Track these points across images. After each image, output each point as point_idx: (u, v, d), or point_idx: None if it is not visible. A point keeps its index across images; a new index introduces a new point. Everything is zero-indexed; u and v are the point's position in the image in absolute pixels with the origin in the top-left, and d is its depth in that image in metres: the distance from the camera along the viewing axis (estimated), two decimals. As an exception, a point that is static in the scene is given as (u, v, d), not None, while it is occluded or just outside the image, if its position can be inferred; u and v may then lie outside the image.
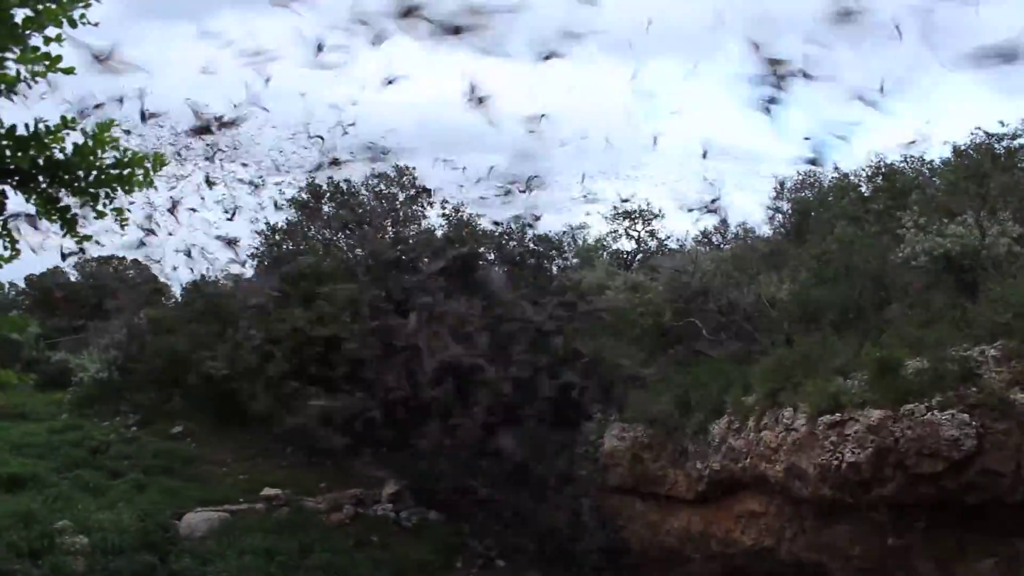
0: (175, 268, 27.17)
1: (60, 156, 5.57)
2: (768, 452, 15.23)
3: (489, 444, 21.51)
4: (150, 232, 22.10)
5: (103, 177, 5.61)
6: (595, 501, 20.69)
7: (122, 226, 6.00)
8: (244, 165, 24.22)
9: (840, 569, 14.98)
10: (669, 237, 32.54)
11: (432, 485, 22.65)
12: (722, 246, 30.80)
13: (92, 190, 5.65)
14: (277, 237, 29.25)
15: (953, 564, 13.48)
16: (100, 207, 5.73)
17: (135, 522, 19.33)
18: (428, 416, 21.53)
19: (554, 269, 26.80)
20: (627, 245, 33.63)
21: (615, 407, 20.46)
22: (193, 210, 23.76)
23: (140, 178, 5.70)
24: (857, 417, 13.57)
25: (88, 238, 5.93)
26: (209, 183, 23.06)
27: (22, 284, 41.12)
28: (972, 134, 24.70)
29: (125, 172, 5.59)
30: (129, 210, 6.03)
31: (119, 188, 5.67)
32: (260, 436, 25.62)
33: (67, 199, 5.71)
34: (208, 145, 22.98)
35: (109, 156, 5.61)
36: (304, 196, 29.08)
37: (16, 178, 5.55)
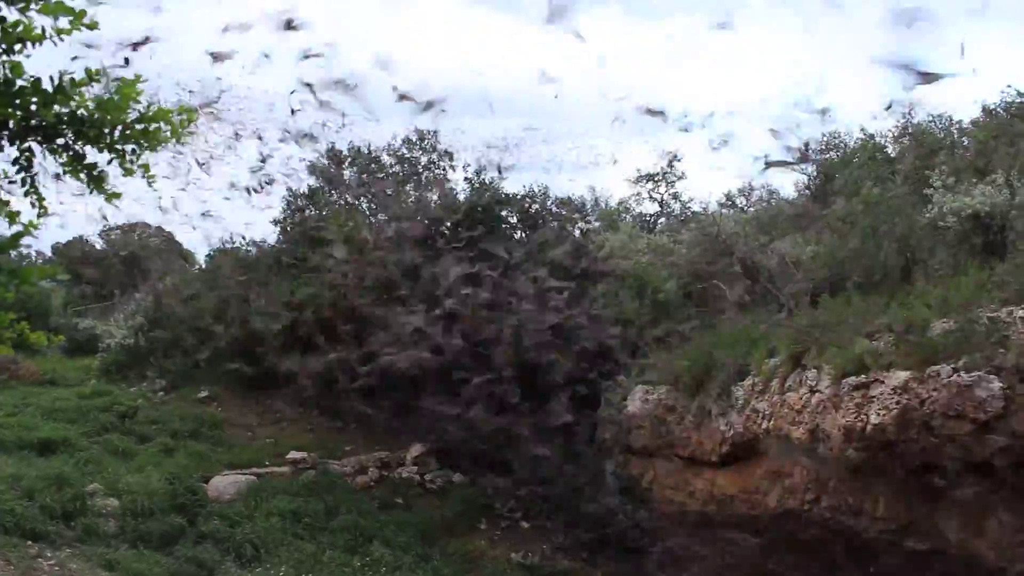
0: (194, 228, 27.17)
1: (84, 112, 5.58)
2: (792, 414, 15.19)
3: (518, 407, 21.56)
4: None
5: (128, 132, 5.61)
6: (619, 463, 20.78)
7: (149, 183, 6.02)
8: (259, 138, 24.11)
9: (865, 530, 14.96)
10: (692, 199, 32.38)
11: (457, 447, 22.79)
12: (746, 208, 30.62)
13: (118, 146, 5.65)
14: (300, 203, 29.36)
15: (978, 524, 13.44)
16: (127, 164, 5.74)
17: (164, 485, 19.62)
18: (453, 379, 21.58)
19: (577, 232, 26.76)
20: (650, 208, 33.48)
21: (639, 369, 20.47)
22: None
23: (167, 133, 5.70)
24: (882, 379, 13.47)
25: (117, 195, 5.94)
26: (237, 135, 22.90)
27: (48, 253, 41.56)
28: (1003, 92, 24.37)
29: (151, 127, 5.58)
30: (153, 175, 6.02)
31: (145, 144, 5.66)
32: (286, 400, 25.92)
33: (92, 156, 5.72)
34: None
35: (133, 111, 5.59)
36: (325, 161, 29.16)
37: (41, 135, 5.56)
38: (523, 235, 25.26)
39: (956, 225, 17.67)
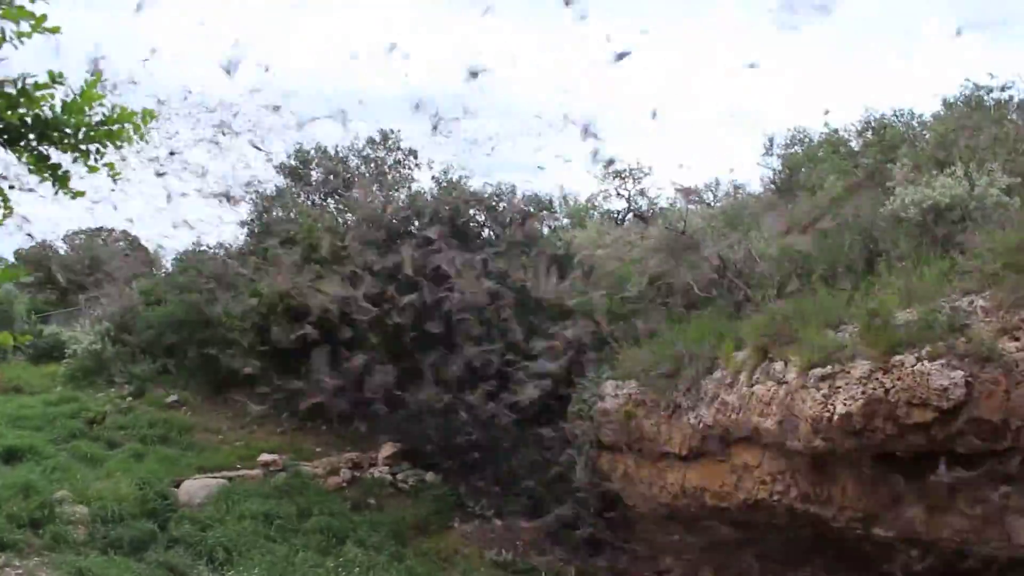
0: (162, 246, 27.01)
1: (49, 113, 5.59)
2: (760, 406, 15.35)
3: (484, 404, 21.63)
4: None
5: (92, 133, 5.64)
6: (590, 459, 20.87)
7: (114, 180, 6.02)
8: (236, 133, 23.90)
9: (833, 518, 15.15)
10: (659, 195, 32.58)
11: (427, 447, 22.82)
12: (713, 203, 30.87)
13: (82, 146, 5.68)
14: (266, 204, 29.22)
15: (943, 512, 13.65)
16: (91, 163, 5.77)
17: (134, 491, 19.50)
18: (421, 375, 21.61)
19: (545, 229, 26.85)
20: (617, 204, 33.63)
21: (608, 364, 20.59)
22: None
23: (130, 133, 5.73)
24: (848, 369, 13.66)
25: (81, 193, 5.94)
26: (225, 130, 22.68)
27: (10, 259, 41.01)
28: (962, 86, 24.76)
29: (115, 127, 5.62)
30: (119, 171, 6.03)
31: (109, 143, 5.70)
32: (255, 403, 25.80)
33: (56, 156, 5.73)
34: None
35: (97, 112, 5.63)
36: (292, 162, 29.05)
37: (5, 136, 5.56)
38: (491, 234, 25.32)
39: (917, 216, 17.94)
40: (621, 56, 14.14)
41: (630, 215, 31.22)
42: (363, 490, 22.42)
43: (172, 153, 20.52)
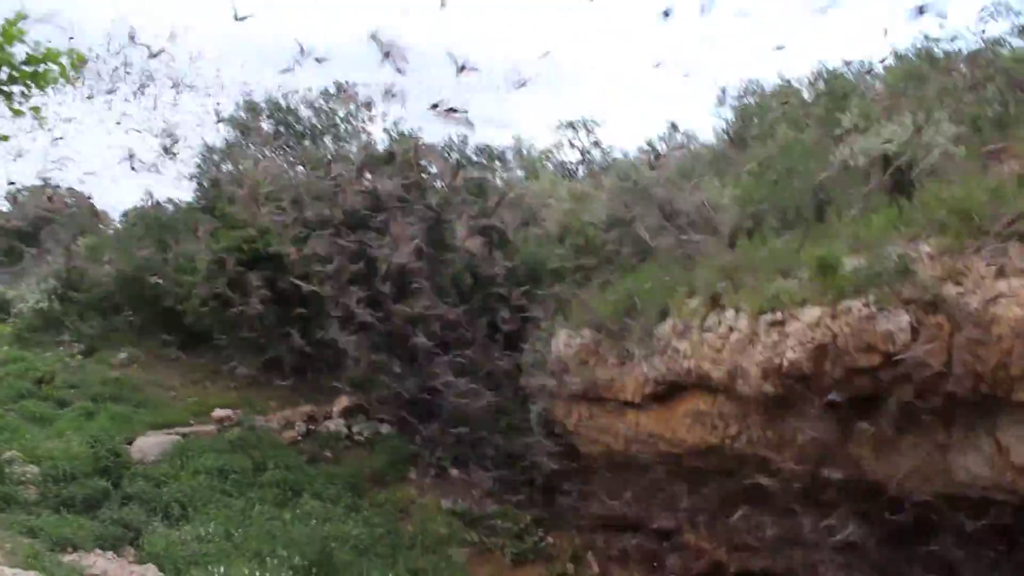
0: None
1: None
2: (712, 353, 15.55)
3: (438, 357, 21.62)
4: None
5: (16, 74, 5.44)
6: (545, 407, 21.02)
7: (41, 125, 5.85)
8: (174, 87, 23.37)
9: (783, 462, 15.45)
10: (612, 147, 32.53)
11: (382, 399, 22.81)
12: (667, 154, 30.83)
13: (5, 88, 5.49)
14: (215, 157, 28.71)
15: (889, 454, 13.98)
16: (15, 105, 5.59)
17: (85, 449, 19.24)
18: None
19: (499, 181, 26.73)
20: (572, 155, 33.53)
21: (562, 314, 20.66)
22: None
23: (56, 74, 5.53)
24: (797, 315, 13.87)
25: (4, 138, 5.76)
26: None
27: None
28: (914, 38, 24.91)
29: (40, 68, 5.43)
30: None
31: (34, 85, 5.50)
32: (208, 358, 25.59)
33: None
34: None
35: (21, 52, 5.43)
36: (242, 114, 28.50)
37: None
38: (443, 185, 25.12)
39: (866, 165, 18.09)
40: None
41: (583, 166, 31.19)
42: (319, 443, 22.42)
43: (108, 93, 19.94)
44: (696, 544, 19.44)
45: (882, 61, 25.87)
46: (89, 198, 38.91)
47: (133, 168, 22.64)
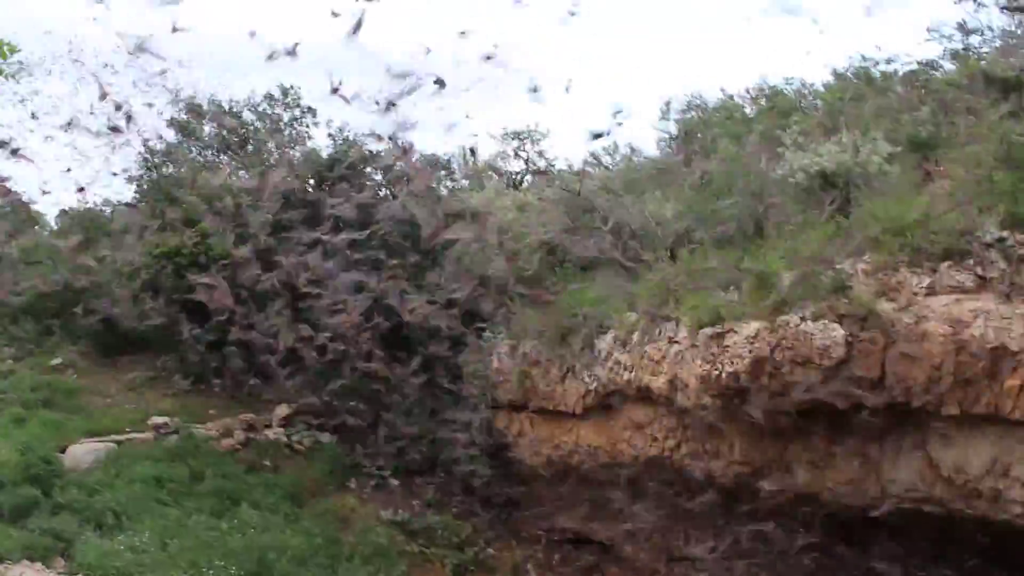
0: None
1: None
2: (652, 365, 15.72)
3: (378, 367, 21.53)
4: None
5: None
6: (485, 418, 21.04)
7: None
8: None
9: (721, 474, 15.65)
10: (557, 158, 32.64)
11: (323, 408, 22.64)
12: (611, 167, 31.07)
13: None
14: (156, 160, 28.28)
15: (824, 467, 14.25)
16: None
17: (15, 456, 18.79)
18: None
19: (443, 190, 26.71)
20: (516, 166, 33.56)
21: (504, 324, 20.71)
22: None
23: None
24: (736, 329, 14.07)
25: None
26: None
27: None
28: (851, 58, 25.54)
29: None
30: None
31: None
32: (145, 365, 25.14)
33: None
34: None
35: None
36: (184, 116, 28.11)
37: None
38: (388, 192, 25.06)
39: (805, 181, 18.43)
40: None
41: (528, 176, 31.22)
42: (258, 452, 22.09)
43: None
44: (636, 556, 19.58)
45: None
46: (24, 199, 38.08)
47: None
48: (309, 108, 28.20)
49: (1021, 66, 15.98)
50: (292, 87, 28.45)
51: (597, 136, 21.27)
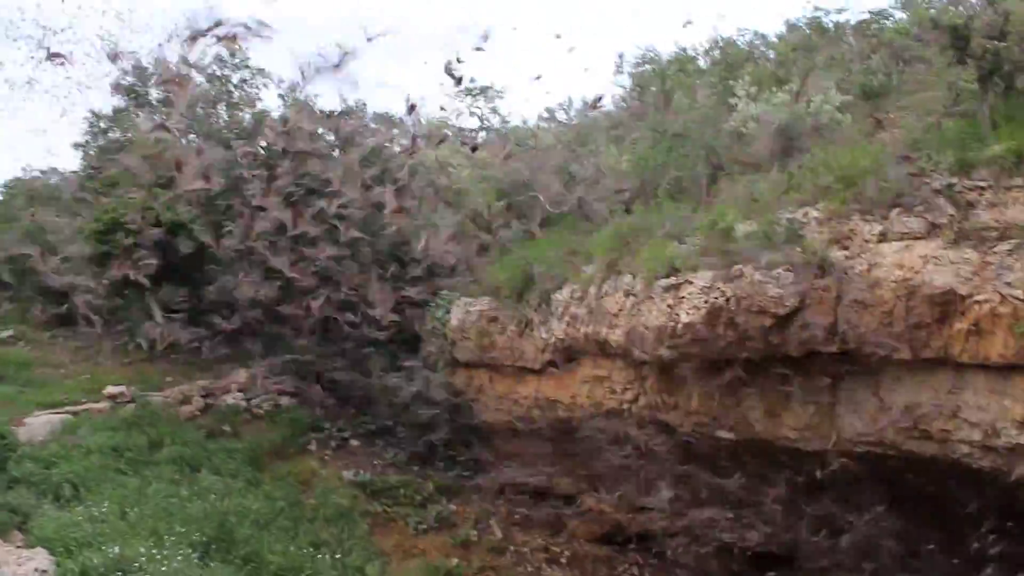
0: None
1: None
2: (609, 318, 15.76)
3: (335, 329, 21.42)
4: None
5: None
6: (445, 376, 21.03)
7: None
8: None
9: (680, 424, 15.79)
10: (511, 113, 32.52)
11: (281, 371, 22.48)
12: (567, 122, 31.00)
13: None
14: (103, 125, 27.66)
15: (780, 413, 14.41)
16: None
17: (-33, 432, 18.46)
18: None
19: (396, 148, 26.42)
20: (471, 123, 33.31)
21: (461, 282, 20.65)
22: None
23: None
24: (691, 279, 14.14)
25: None
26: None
27: None
28: (804, 8, 25.58)
29: None
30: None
31: None
32: (99, 335, 24.73)
33: None
34: None
35: None
36: (130, 80, 27.45)
37: None
38: (340, 153, 24.71)
39: (757, 132, 18.51)
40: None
41: (483, 133, 31.03)
42: (217, 417, 21.90)
43: None
44: (598, 508, 19.78)
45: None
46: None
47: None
48: (260, 69, 27.68)
49: (969, 13, 16.03)
50: (240, 47, 27.91)
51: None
